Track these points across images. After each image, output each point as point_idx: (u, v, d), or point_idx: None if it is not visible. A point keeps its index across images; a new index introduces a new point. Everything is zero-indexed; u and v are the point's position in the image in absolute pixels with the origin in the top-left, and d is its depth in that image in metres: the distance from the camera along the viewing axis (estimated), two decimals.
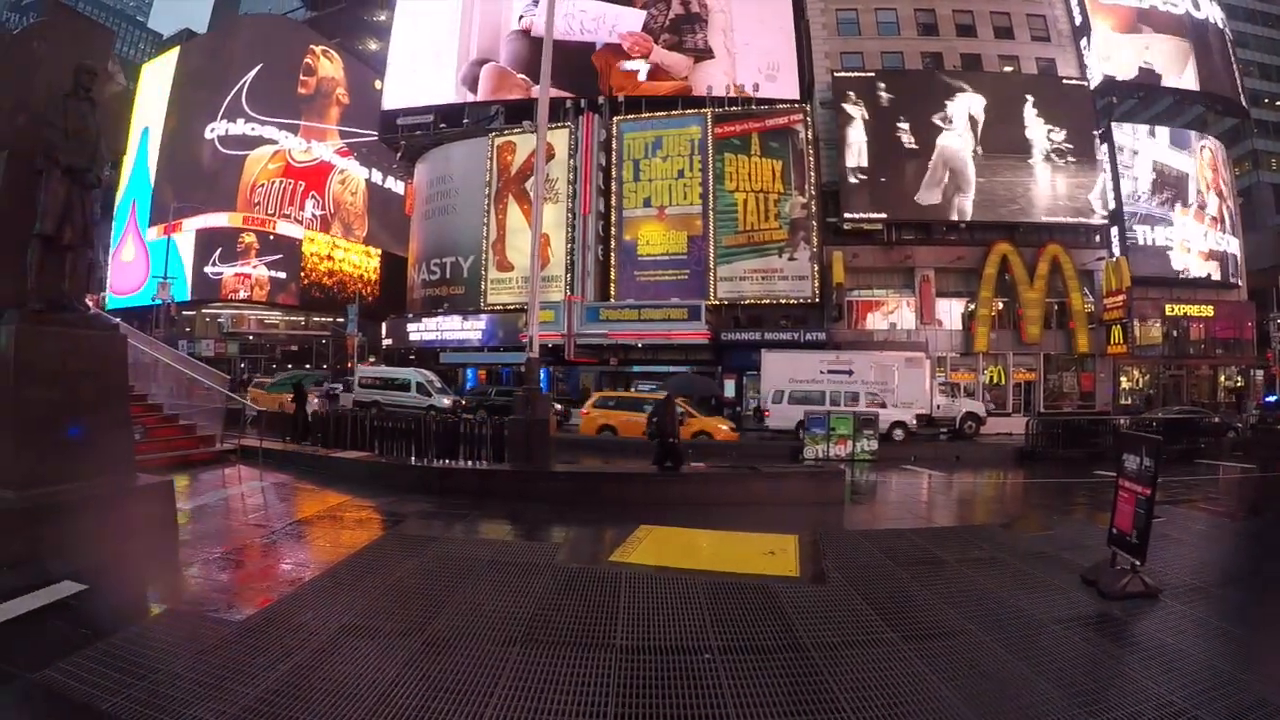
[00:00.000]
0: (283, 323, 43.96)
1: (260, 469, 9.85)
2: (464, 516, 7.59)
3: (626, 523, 6.98)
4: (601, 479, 10.21)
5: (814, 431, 17.77)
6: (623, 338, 29.40)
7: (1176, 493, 11.62)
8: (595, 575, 5.26)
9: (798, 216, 29.59)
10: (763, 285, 29.54)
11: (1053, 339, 30.01)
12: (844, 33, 33.46)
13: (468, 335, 33.91)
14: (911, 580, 5.49)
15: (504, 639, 3.95)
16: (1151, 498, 5.04)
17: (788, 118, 30.90)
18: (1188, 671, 3.89)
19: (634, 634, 4.09)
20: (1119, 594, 5.03)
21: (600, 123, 32.81)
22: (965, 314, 29.89)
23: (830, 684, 3.55)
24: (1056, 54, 34.06)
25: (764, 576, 5.37)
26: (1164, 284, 31.77)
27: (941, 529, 8.04)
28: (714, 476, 10.63)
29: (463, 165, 36.05)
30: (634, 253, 31.18)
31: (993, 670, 3.82)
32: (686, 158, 31.23)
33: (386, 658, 3.65)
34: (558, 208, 32.48)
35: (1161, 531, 7.33)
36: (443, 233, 36.42)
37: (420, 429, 11.28)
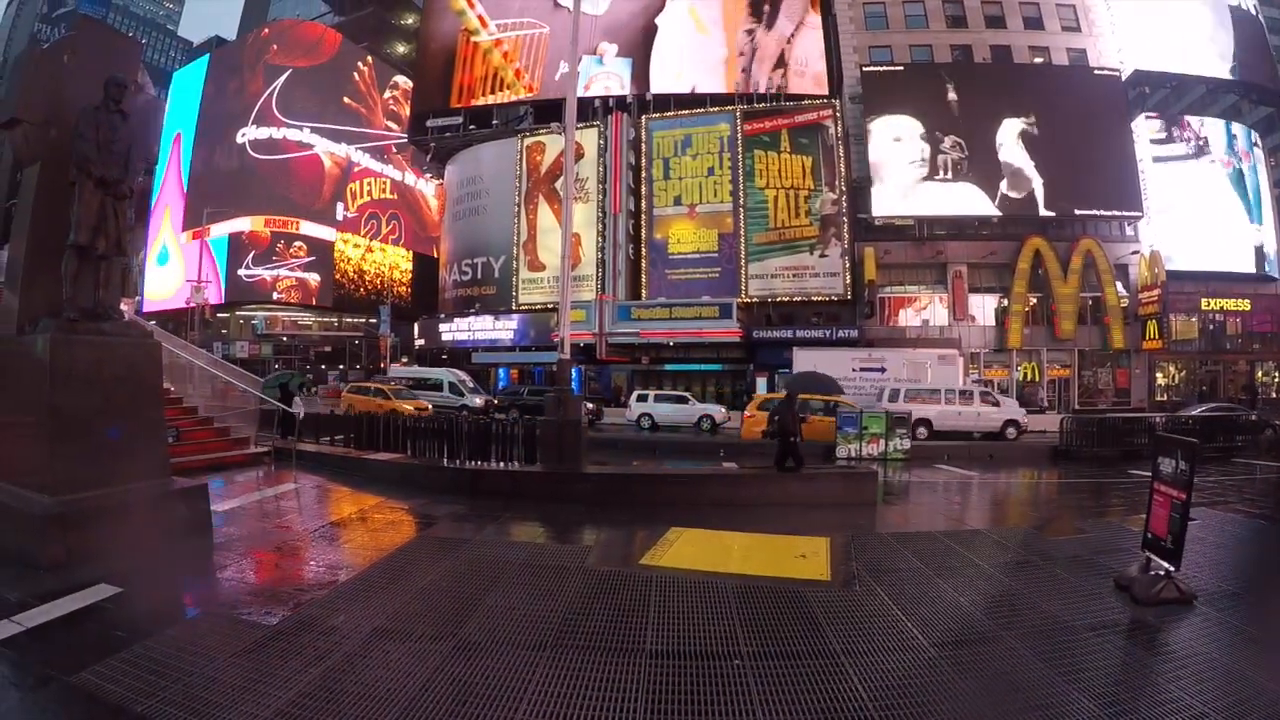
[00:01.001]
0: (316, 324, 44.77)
1: (294, 471, 9.92)
2: (496, 518, 7.59)
3: (658, 524, 6.96)
4: (634, 480, 10.15)
5: (846, 430, 17.45)
6: (654, 336, 29.66)
7: (1212, 494, 11.37)
8: (626, 578, 5.29)
9: (828, 213, 29.66)
10: (794, 283, 29.66)
11: (1087, 334, 29.79)
12: (871, 26, 33.35)
13: (499, 335, 34.36)
14: (943, 585, 5.42)
15: (535, 643, 3.97)
16: (1187, 502, 4.94)
17: (817, 113, 30.94)
18: (1221, 682, 3.82)
19: (664, 638, 4.09)
20: (1153, 600, 4.92)
21: (629, 121, 33.04)
22: (998, 310, 29.76)
23: (859, 691, 3.52)
24: (1087, 44, 33.71)
25: (795, 580, 5.36)
26: (1199, 278, 31.39)
27: (974, 531, 7.87)
28: (745, 477, 10.57)
29: (492, 166, 36.50)
30: (665, 251, 31.41)
31: (1024, 679, 3.76)
32: (716, 155, 31.39)
33: (418, 661, 3.67)
34: (588, 207, 32.81)
35: (1196, 535, 7.16)
36: (473, 233, 36.89)
37: (452, 430, 11.33)
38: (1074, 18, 34.23)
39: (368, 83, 47.60)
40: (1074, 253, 29.33)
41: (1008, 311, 29.21)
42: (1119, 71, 32.77)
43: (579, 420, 10.52)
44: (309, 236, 42.73)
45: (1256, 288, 32.76)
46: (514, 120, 37.21)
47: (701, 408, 25.54)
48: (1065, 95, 31.29)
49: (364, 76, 47.69)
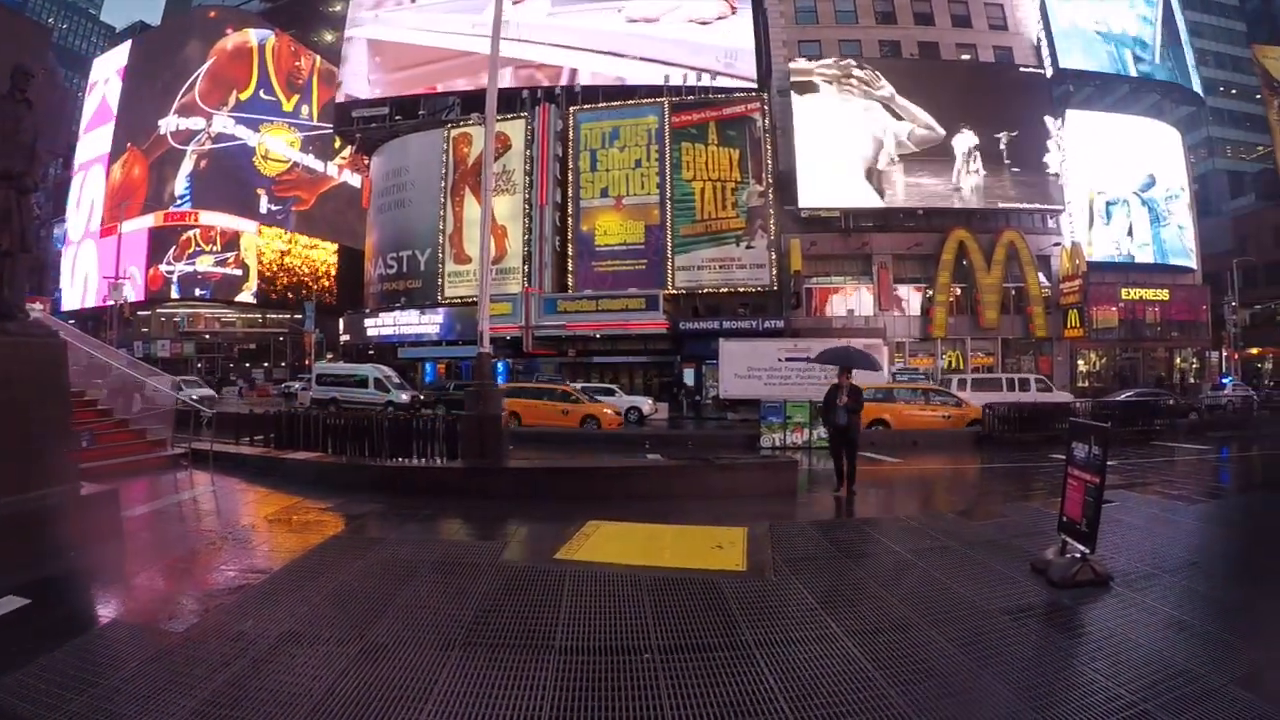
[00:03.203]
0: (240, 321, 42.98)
1: (211, 473, 9.71)
2: (413, 516, 7.48)
3: (576, 518, 6.84)
4: (554, 474, 10.03)
5: (770, 420, 17.25)
6: (581, 329, 28.99)
7: (1132, 476, 11.47)
8: (539, 574, 5.20)
9: (755, 205, 29.41)
10: (720, 274, 29.33)
11: (1010, 323, 30.13)
12: (802, 21, 33.36)
13: (426, 329, 33.32)
14: (860, 572, 5.44)
15: (443, 642, 3.90)
16: (1100, 486, 4.99)
17: (745, 106, 30.70)
18: (1136, 662, 3.83)
19: (574, 634, 4.04)
20: (1069, 582, 4.96)
21: (557, 113, 32.41)
22: (923, 300, 29.93)
23: (770, 683, 3.46)
24: (1014, 43, 34.25)
25: (710, 571, 5.28)
26: (1120, 268, 32.06)
27: (893, 518, 7.83)
28: (667, 469, 10.43)
29: (419, 157, 35.44)
30: (591, 243, 30.81)
31: (938, 665, 3.72)
32: (644, 147, 30.92)
33: (325, 665, 3.61)
34: (514, 199, 32.03)
35: (1114, 516, 7.18)
36: (399, 226, 35.76)
37: (373, 427, 11.10)
38: (1001, 16, 34.77)
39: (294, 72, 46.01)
40: (997, 244, 29.64)
41: (932, 301, 29.38)
42: (1044, 69, 33.34)
43: (499, 415, 10.22)
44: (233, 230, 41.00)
45: (1175, 278, 33.63)
46: (441, 111, 36.21)
47: (629, 400, 25.12)
48: (991, 92, 31.67)
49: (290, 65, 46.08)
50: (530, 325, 29.09)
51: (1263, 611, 4.66)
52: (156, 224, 43.39)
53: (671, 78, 32.09)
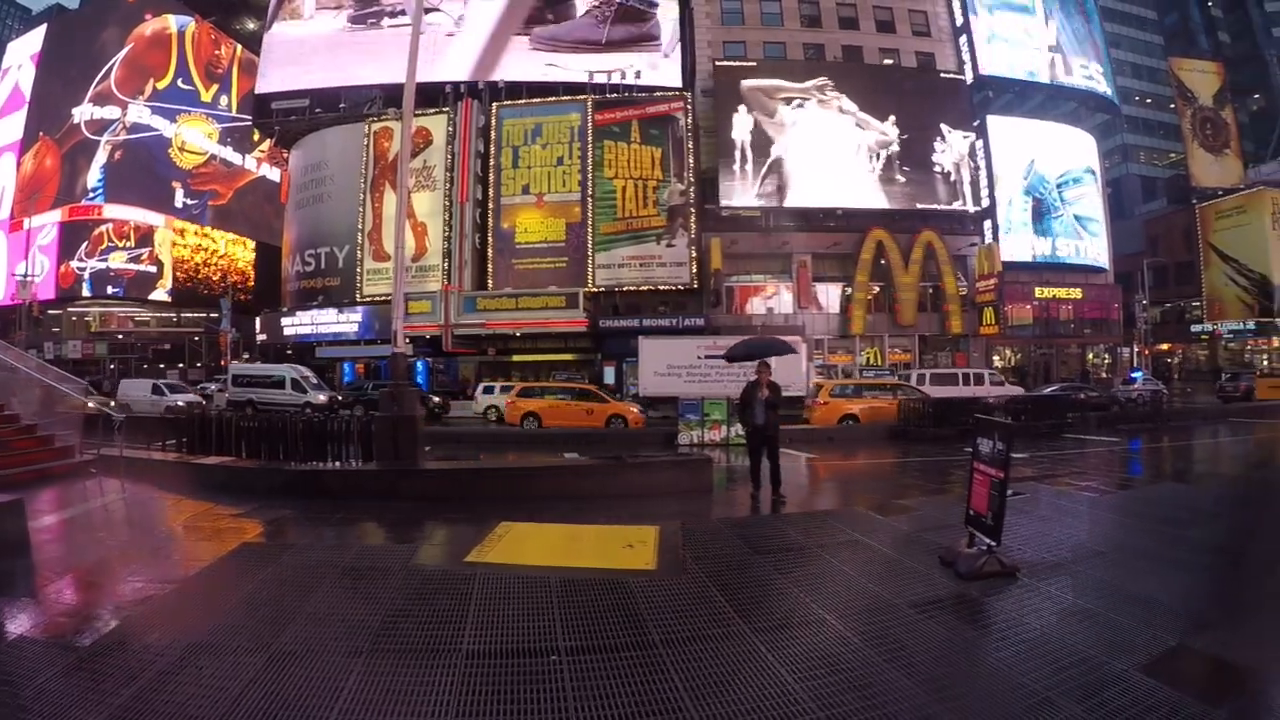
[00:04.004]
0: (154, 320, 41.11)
1: (122, 479, 9.32)
2: (326, 521, 7.43)
3: (490, 520, 6.73)
4: (469, 475, 9.85)
5: (688, 418, 17.03)
6: (500, 327, 28.46)
7: (1043, 468, 11.69)
8: (448, 577, 5.11)
9: (676, 203, 29.28)
10: (641, 272, 29.10)
11: (927, 321, 30.64)
12: (728, 22, 33.49)
13: (344, 328, 32.28)
14: (770, 569, 5.37)
15: (350, 650, 3.84)
16: (1004, 480, 5.06)
17: (668, 105, 30.55)
18: (1041, 651, 3.85)
19: (481, 638, 3.99)
20: (976, 574, 4.99)
21: (479, 108, 31.78)
22: (843, 298, 30.25)
23: (675, 681, 3.44)
24: (936, 49, 34.95)
25: (620, 571, 5.23)
26: (1034, 268, 32.92)
27: (806, 513, 7.77)
28: (582, 468, 10.32)
29: (339, 151, 34.39)
30: (511, 241, 30.26)
31: (844, 660, 3.72)
32: (566, 145, 30.52)
33: (232, 675, 3.53)
34: (435, 195, 31.30)
35: (1024, 509, 7.33)
36: (318, 222, 34.62)
37: (287, 429, 10.85)
38: (925, 23, 35.45)
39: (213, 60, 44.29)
40: (915, 244, 30.10)
41: (851, 300, 29.70)
42: (964, 76, 34.06)
43: (414, 415, 9.93)
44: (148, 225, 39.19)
45: (1088, 277, 34.73)
46: (363, 105, 35.19)
47: None
48: (913, 95, 32.20)
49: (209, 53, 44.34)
50: (450, 324, 28.43)
51: (1165, 599, 4.71)
52: (67, 218, 41.22)
53: (596, 75, 31.82)
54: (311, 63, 35.46)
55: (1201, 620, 4.35)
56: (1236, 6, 53.39)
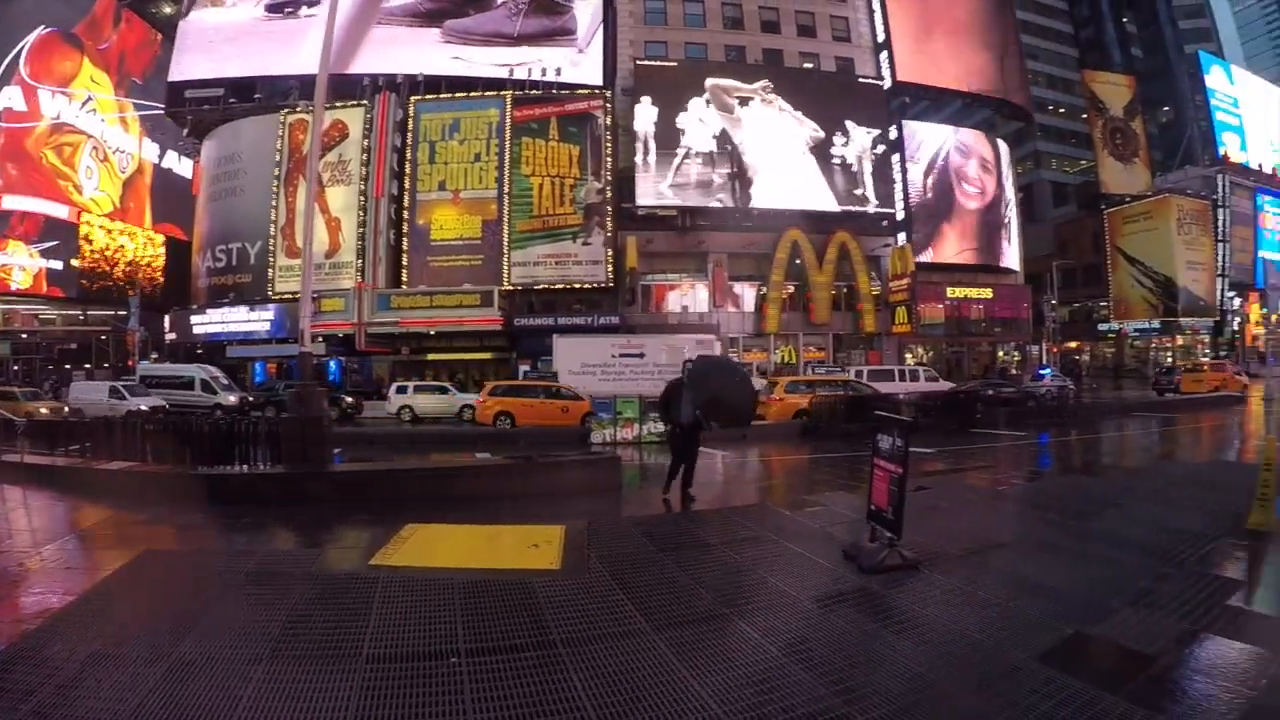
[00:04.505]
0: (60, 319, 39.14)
1: (21, 486, 9.13)
2: (231, 526, 7.28)
3: (397, 522, 6.61)
4: (378, 476, 9.76)
5: (600, 416, 17.14)
6: (415, 325, 28.00)
7: (951, 463, 11.94)
8: (353, 581, 5.03)
9: (593, 202, 29.30)
10: (557, 270, 29.03)
11: (841, 320, 31.33)
12: (650, 22, 33.65)
13: (255, 327, 31.26)
14: (674, 566, 5.36)
15: (251, 657, 3.76)
16: (904, 475, 5.14)
17: (588, 103, 30.54)
18: (940, 642, 3.87)
19: (383, 642, 3.93)
20: (878, 568, 5.06)
21: (397, 102, 31.22)
22: (758, 297, 30.68)
23: (574, 681, 3.43)
24: (855, 54, 35.76)
25: (524, 571, 5.20)
26: (946, 268, 33.94)
27: (713, 510, 7.74)
28: (491, 468, 10.29)
29: (253, 143, 33.35)
30: (427, 237, 29.83)
31: (743, 655, 3.72)
32: (484, 141, 30.22)
33: (132, 686, 3.44)
34: (350, 190, 30.64)
35: (930, 503, 7.44)
36: (230, 216, 33.51)
37: (193, 432, 10.60)
38: (845, 28, 36.23)
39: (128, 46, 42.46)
40: (829, 244, 30.72)
41: (766, 299, 30.15)
42: (883, 81, 34.91)
43: (321, 416, 9.74)
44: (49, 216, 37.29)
45: (999, 278, 35.97)
46: (279, 95, 34.21)
47: (462, 398, 24.40)
48: (832, 99, 32.85)
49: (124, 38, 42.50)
50: (363, 322, 27.88)
51: (1065, 588, 4.76)
52: None
53: (516, 71, 31.61)
54: (227, 51, 34.40)
55: (1101, 608, 4.40)
56: (1150, 23, 56.21)
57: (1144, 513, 7.03)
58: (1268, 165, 51.29)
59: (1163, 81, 53.11)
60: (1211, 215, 45.18)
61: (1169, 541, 5.90)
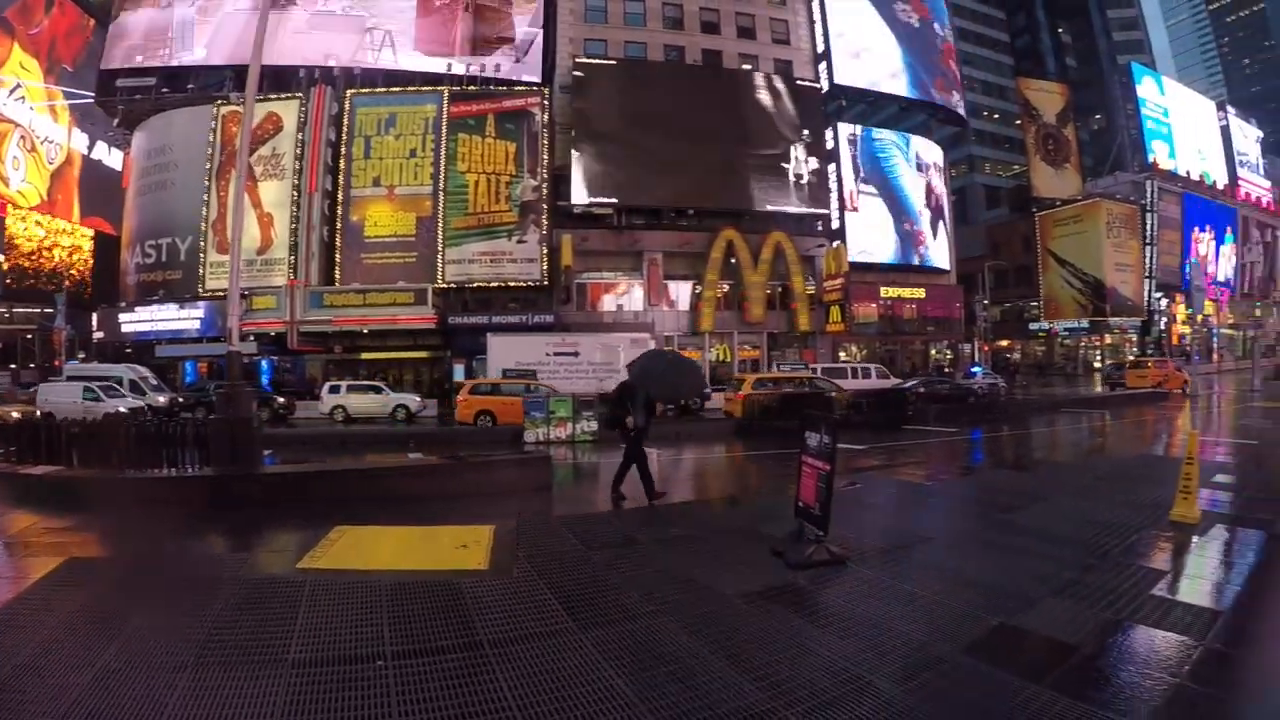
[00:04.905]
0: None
1: None
2: (158, 531, 7.12)
3: (326, 524, 6.60)
4: (309, 478, 9.58)
5: (533, 415, 17.19)
6: (348, 324, 27.69)
7: (881, 459, 12.09)
8: (279, 585, 4.97)
9: (529, 199, 29.38)
10: (491, 268, 29.05)
11: (776, 318, 31.92)
12: (591, 20, 33.73)
13: (185, 325, 30.70)
14: (602, 565, 5.37)
15: (175, 664, 3.69)
16: (831, 472, 5.20)
17: (525, 100, 30.59)
18: (865, 636, 3.90)
19: (309, 646, 3.89)
20: (805, 564, 5.08)
21: (333, 95, 30.85)
22: (693, 295, 31.09)
23: (500, 682, 3.41)
24: (794, 56, 36.36)
25: (452, 572, 5.17)
26: (880, 269, 34.83)
27: (643, 508, 7.74)
28: (422, 468, 10.25)
29: (185, 135, 32.55)
30: (361, 234, 29.55)
31: (669, 652, 3.72)
32: (420, 136, 30.05)
33: (54, 698, 3.38)
34: (283, 185, 30.21)
35: (859, 498, 7.58)
36: (160, 210, 32.71)
37: (120, 434, 10.25)
38: (785, 31, 36.81)
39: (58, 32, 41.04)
40: (765, 244, 31.25)
41: (701, 297, 30.57)
42: (820, 84, 35.60)
43: (250, 417, 9.69)
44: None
45: (931, 278, 37.01)
46: (213, 85, 33.51)
47: (396, 397, 24.34)
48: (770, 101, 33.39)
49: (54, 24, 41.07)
50: (295, 320, 27.43)
51: (991, 580, 4.83)
52: None
53: (454, 66, 31.50)
54: (163, 38, 33.54)
55: (1026, 600, 4.46)
56: (1085, 34, 58.34)
57: (1070, 506, 7.20)
58: (1195, 172, 53.62)
59: (1095, 90, 55.15)
60: (1140, 219, 47.15)
61: (1095, 534, 6.03)
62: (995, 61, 54.62)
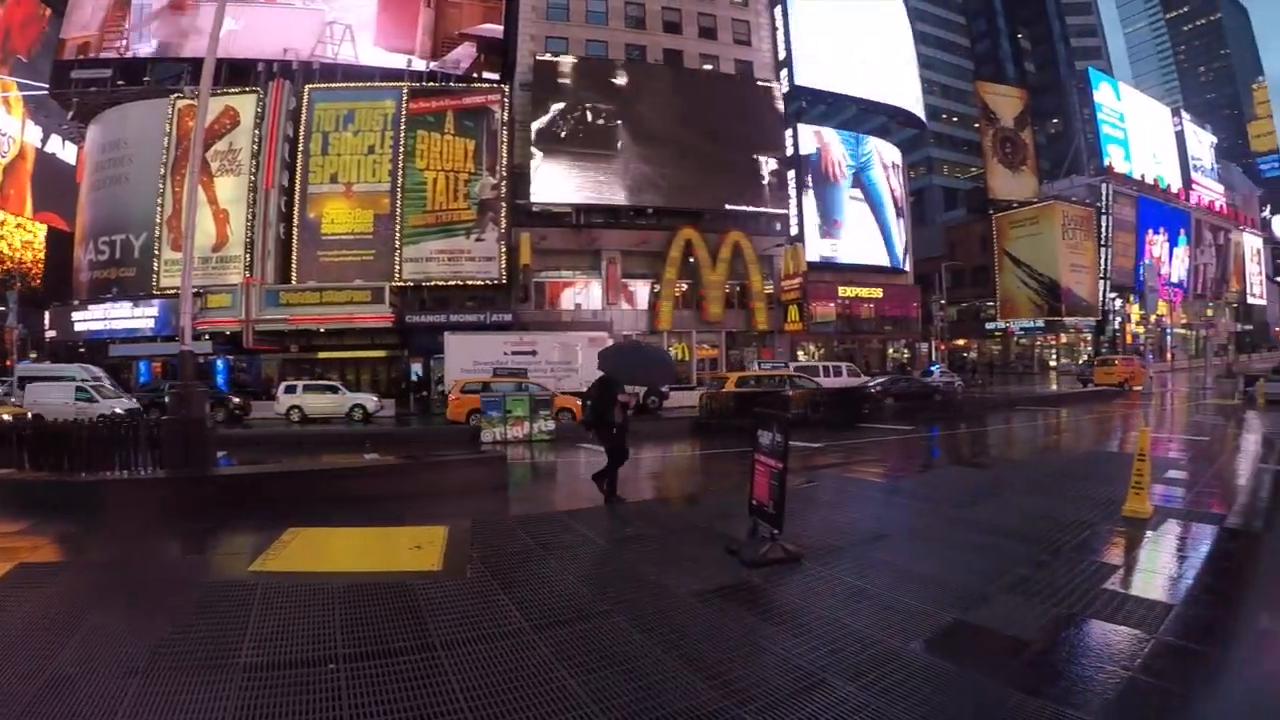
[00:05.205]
0: None
1: None
2: (111, 534, 7.05)
3: (279, 526, 6.53)
4: (263, 480, 9.52)
5: (490, 415, 17.11)
6: (304, 322, 27.61)
7: (837, 457, 12.15)
8: (232, 588, 4.92)
9: (487, 197, 29.49)
10: (449, 266, 29.11)
11: (734, 317, 32.38)
12: (553, 17, 33.84)
13: (140, 323, 30.30)
14: (556, 565, 5.33)
15: (127, 670, 3.61)
16: (784, 470, 5.20)
17: (485, 97, 30.67)
18: (819, 633, 3.90)
19: (260, 650, 3.84)
20: (759, 562, 5.08)
21: (291, 90, 30.59)
22: (651, 294, 31.39)
23: (453, 684, 3.38)
24: (755, 57, 36.81)
25: (405, 573, 5.12)
26: (838, 268, 35.46)
27: (598, 508, 7.74)
28: (378, 469, 10.27)
29: (141, 129, 32.05)
30: (317, 231, 29.43)
31: (622, 652, 3.69)
32: (378, 133, 29.99)
33: (5, 705, 3.31)
34: (239, 181, 29.94)
35: (814, 496, 7.66)
36: (115, 206, 32.20)
37: (73, 436, 10.07)
38: (746, 32, 37.23)
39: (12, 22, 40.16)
40: (723, 244, 31.67)
41: (659, 296, 30.90)
42: (781, 85, 36.08)
43: (203, 418, 9.54)
44: None
45: (889, 278, 37.75)
46: (170, 78, 33.07)
47: (353, 397, 24.33)
48: (731, 101, 33.79)
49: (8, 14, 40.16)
50: (251, 319, 27.25)
51: (945, 577, 4.87)
52: None
53: (414, 62, 31.46)
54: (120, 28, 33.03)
55: (980, 596, 4.48)
56: (1044, 40, 59.69)
57: (1025, 503, 7.26)
58: (1149, 176, 55.17)
59: (1053, 95, 56.46)
60: (1095, 221, 48.39)
61: (1048, 530, 6.08)
62: (955, 65, 55.69)
